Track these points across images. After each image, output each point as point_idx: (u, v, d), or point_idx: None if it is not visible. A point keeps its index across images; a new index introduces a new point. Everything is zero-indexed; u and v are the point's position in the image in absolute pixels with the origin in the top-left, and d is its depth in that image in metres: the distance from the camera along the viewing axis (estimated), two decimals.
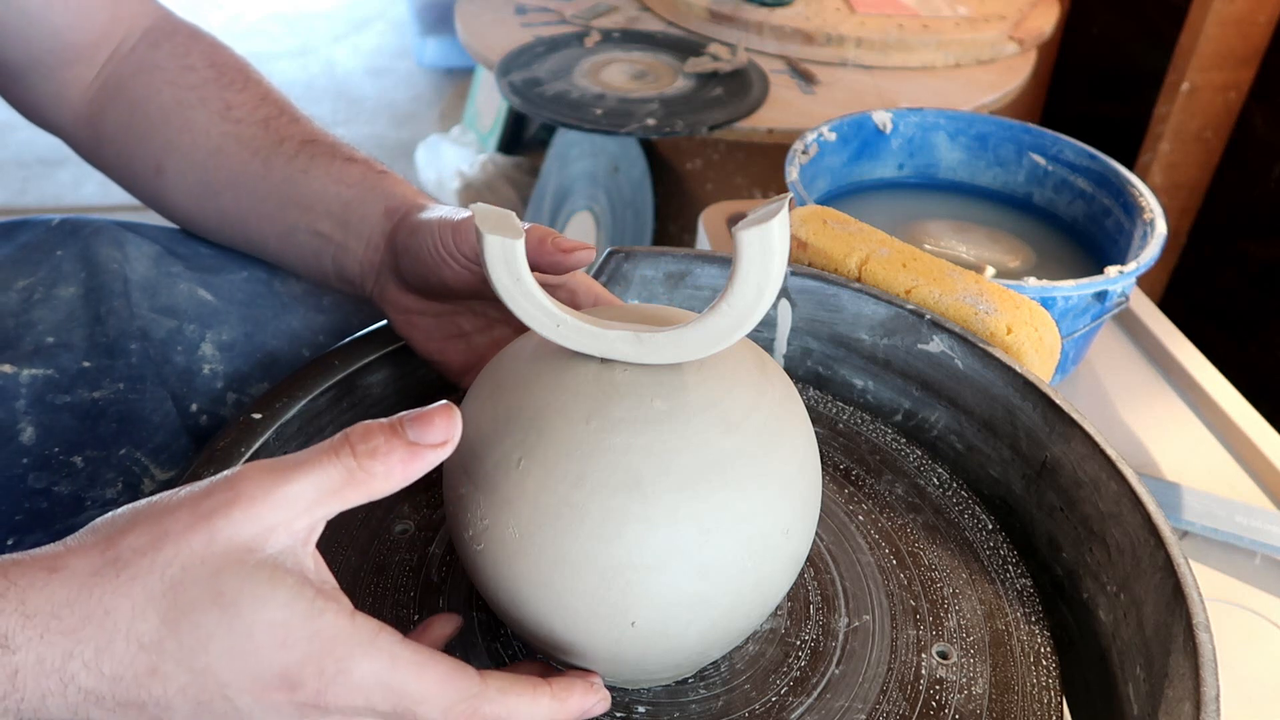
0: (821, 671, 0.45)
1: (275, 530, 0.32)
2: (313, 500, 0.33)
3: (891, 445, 0.59)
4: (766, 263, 0.35)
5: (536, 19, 1.52)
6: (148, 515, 0.32)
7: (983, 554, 0.52)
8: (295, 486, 0.32)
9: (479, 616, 0.46)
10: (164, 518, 0.32)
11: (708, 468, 0.38)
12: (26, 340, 0.57)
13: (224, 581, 0.31)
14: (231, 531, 0.31)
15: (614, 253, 0.62)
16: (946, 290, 0.61)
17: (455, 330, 0.54)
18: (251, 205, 0.57)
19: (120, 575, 0.31)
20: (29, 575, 0.31)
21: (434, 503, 0.52)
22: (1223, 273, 1.45)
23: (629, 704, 0.44)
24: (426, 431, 0.33)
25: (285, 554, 0.33)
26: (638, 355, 0.39)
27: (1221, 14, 1.32)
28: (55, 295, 0.59)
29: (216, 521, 0.31)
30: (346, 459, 0.33)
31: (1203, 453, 0.83)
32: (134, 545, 0.31)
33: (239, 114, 0.58)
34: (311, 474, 0.32)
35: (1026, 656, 0.47)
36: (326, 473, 0.33)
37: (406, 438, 0.33)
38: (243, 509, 0.32)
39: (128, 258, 0.61)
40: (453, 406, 0.34)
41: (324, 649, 0.31)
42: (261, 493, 0.32)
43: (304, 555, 0.33)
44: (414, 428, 0.33)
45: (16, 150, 2.32)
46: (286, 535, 0.32)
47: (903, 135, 1.00)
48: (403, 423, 0.34)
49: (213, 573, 0.31)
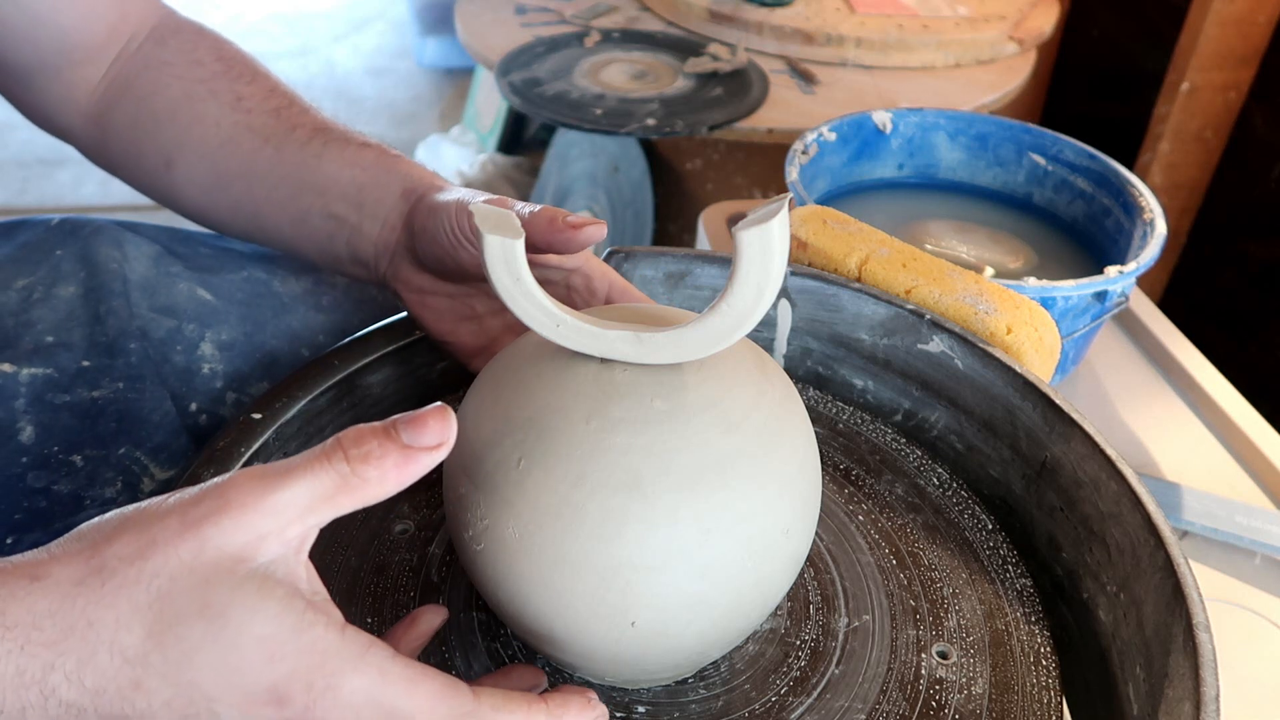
0: (821, 671, 0.45)
1: (266, 539, 0.31)
2: (305, 507, 0.32)
3: (891, 445, 0.59)
4: (766, 263, 0.35)
5: (536, 19, 1.52)
6: (136, 522, 0.31)
7: (982, 554, 0.52)
8: (287, 493, 0.31)
9: (479, 616, 0.46)
10: (152, 525, 0.31)
11: (708, 468, 0.38)
12: (26, 339, 0.57)
13: (212, 593, 0.30)
14: (221, 540, 0.31)
15: (614, 253, 0.62)
16: (946, 290, 0.61)
17: (468, 312, 0.53)
18: (264, 193, 0.57)
19: (105, 585, 0.30)
20: (10, 584, 0.30)
21: (434, 503, 0.52)
22: (1223, 273, 1.45)
23: (629, 704, 0.44)
24: (421, 434, 0.33)
25: (276, 564, 0.32)
26: (638, 355, 0.39)
27: (1221, 14, 1.32)
28: (55, 295, 0.59)
29: (206, 530, 0.31)
30: (339, 464, 0.32)
31: (1203, 453, 0.83)
32: (120, 554, 0.30)
33: (250, 104, 0.58)
34: (304, 480, 0.32)
35: (1026, 656, 0.47)
36: (319, 479, 0.32)
37: (401, 441, 0.32)
38: (233, 517, 0.31)
39: (127, 257, 0.61)
40: (447, 408, 0.34)
41: (313, 664, 0.31)
42: (253, 500, 0.31)
43: (296, 564, 0.33)
44: (408, 431, 0.33)
45: (16, 150, 2.32)
46: (278, 544, 0.32)
47: (903, 135, 1.00)
48: (396, 426, 0.33)
49: (201, 583, 0.30)
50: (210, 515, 0.31)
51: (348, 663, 0.31)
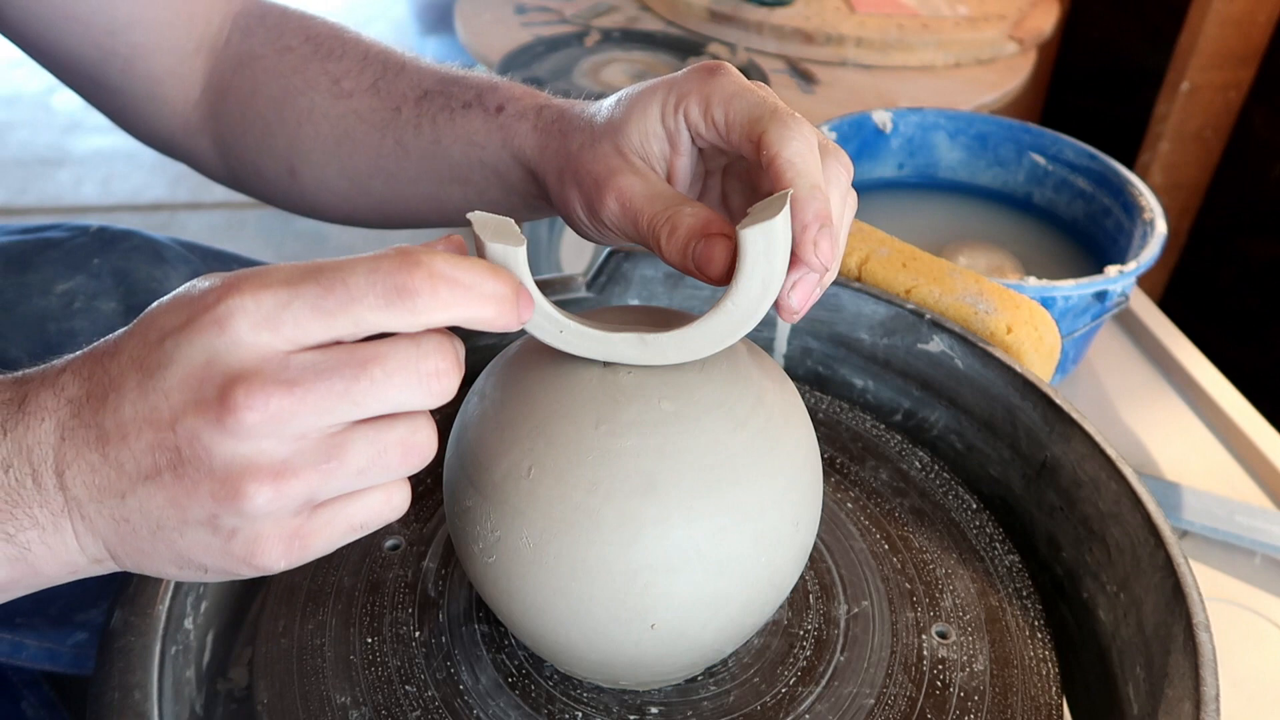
0: (827, 660, 0.46)
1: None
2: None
3: (891, 445, 0.59)
4: (771, 260, 0.35)
5: (536, 19, 1.52)
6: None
7: (969, 533, 0.52)
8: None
9: (480, 629, 0.46)
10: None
11: (720, 466, 0.38)
12: (68, 349, 0.57)
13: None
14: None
15: (614, 253, 0.62)
16: (946, 290, 0.61)
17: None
18: (407, 188, 0.56)
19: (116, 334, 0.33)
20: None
21: (424, 516, 0.52)
22: (1223, 273, 1.45)
23: (641, 705, 0.44)
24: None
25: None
26: (642, 357, 0.39)
27: (1221, 14, 1.32)
28: (95, 308, 0.59)
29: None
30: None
31: (1203, 453, 0.83)
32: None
33: (347, 85, 0.56)
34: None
35: (1022, 631, 0.48)
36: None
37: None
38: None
39: (165, 276, 0.61)
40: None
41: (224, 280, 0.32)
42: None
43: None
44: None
45: (16, 150, 2.32)
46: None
47: (902, 135, 1.00)
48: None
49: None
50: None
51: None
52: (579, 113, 0.48)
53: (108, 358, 0.32)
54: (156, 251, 0.63)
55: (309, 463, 0.31)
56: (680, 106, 0.43)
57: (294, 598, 0.48)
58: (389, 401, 0.31)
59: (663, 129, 0.44)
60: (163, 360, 0.31)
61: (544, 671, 0.45)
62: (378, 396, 0.31)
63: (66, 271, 0.60)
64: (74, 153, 2.32)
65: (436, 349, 0.31)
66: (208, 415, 0.30)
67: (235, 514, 0.31)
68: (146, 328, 0.32)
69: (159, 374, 0.31)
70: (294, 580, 0.48)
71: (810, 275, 0.38)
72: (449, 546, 0.50)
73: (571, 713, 0.43)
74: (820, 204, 0.37)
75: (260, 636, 0.46)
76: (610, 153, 0.44)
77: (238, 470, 0.30)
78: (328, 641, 0.46)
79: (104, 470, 0.32)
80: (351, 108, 0.56)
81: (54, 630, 0.52)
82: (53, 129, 2.40)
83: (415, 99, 0.55)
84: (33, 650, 0.52)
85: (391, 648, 0.45)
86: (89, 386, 0.32)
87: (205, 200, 2.18)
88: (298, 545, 0.32)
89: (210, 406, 0.30)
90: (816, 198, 0.37)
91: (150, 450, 0.31)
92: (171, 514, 0.31)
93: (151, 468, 0.31)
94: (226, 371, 0.30)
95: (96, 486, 0.32)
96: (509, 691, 0.44)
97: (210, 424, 0.30)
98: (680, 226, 0.39)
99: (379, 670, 0.44)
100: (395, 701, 0.43)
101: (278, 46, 0.58)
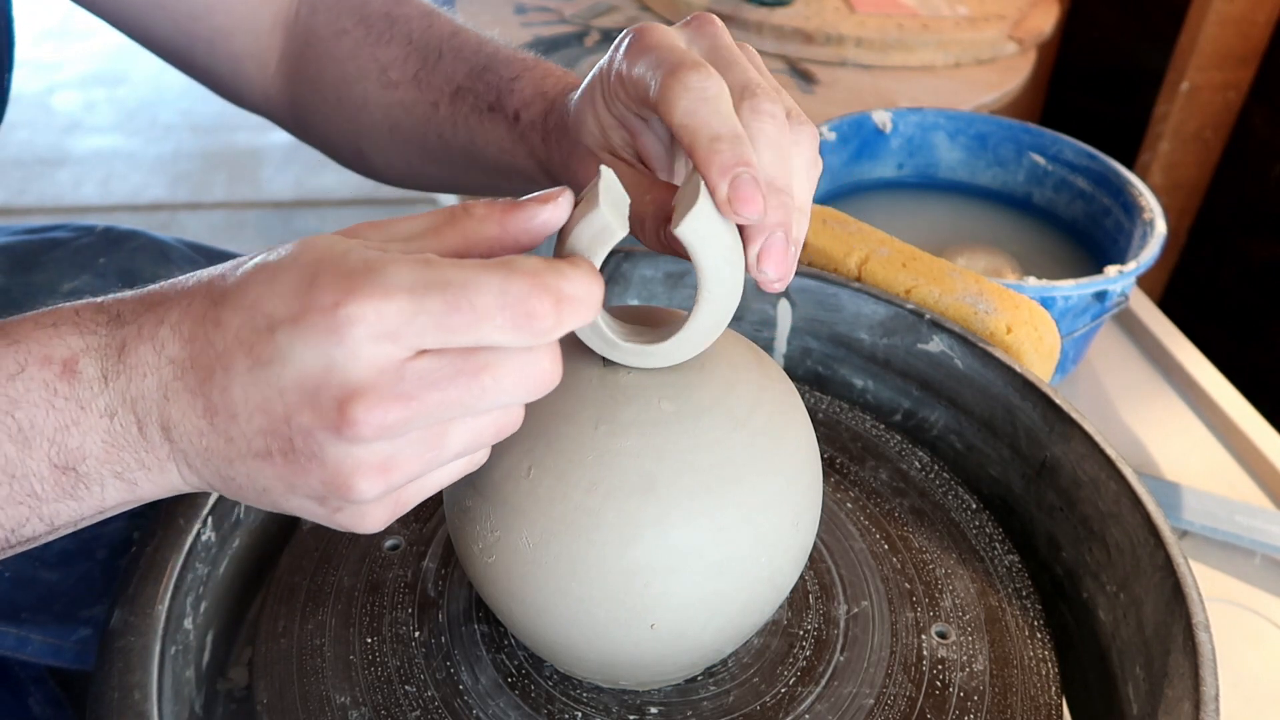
0: (827, 659, 0.46)
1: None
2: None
3: (891, 445, 0.59)
4: (719, 242, 0.35)
5: (536, 19, 1.52)
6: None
7: (969, 533, 0.52)
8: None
9: (480, 629, 0.46)
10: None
11: (720, 465, 0.38)
12: None
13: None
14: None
15: (614, 253, 0.62)
16: (946, 290, 0.61)
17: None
18: (461, 173, 0.59)
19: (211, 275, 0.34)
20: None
21: (423, 516, 0.52)
22: (1223, 273, 1.45)
23: (641, 706, 0.44)
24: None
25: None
26: (640, 361, 0.39)
27: (1221, 14, 1.32)
28: None
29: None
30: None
31: (1203, 453, 0.83)
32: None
33: (394, 75, 0.58)
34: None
35: (1021, 631, 0.48)
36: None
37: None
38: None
39: (171, 276, 0.61)
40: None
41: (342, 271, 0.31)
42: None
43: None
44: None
45: (16, 150, 2.31)
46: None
47: (902, 135, 1.00)
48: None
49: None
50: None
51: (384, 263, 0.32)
52: (567, 112, 0.49)
53: (211, 325, 0.32)
54: (162, 252, 0.63)
55: (415, 454, 0.32)
56: (613, 89, 0.42)
57: (294, 598, 0.48)
58: (496, 404, 0.32)
59: (611, 117, 0.44)
60: (275, 355, 0.31)
61: (544, 671, 0.45)
62: (487, 401, 0.32)
63: (72, 271, 0.60)
64: (74, 153, 2.32)
65: (548, 354, 0.32)
66: (324, 423, 0.30)
67: (343, 499, 0.32)
68: (252, 307, 0.31)
69: (272, 368, 0.31)
70: (294, 580, 0.49)
71: (774, 236, 0.35)
72: (449, 546, 0.50)
73: (571, 713, 0.43)
74: (724, 156, 0.35)
75: (260, 636, 0.46)
76: (584, 155, 0.45)
77: (349, 468, 0.31)
78: (327, 641, 0.46)
79: (211, 436, 0.32)
80: (398, 99, 0.58)
81: (58, 626, 0.52)
82: (53, 129, 2.39)
83: (450, 96, 0.56)
84: (37, 645, 0.52)
85: (391, 648, 0.45)
86: (191, 351, 0.32)
87: (205, 200, 2.18)
88: (397, 509, 0.34)
89: (327, 415, 0.30)
90: (718, 150, 0.35)
91: (261, 434, 0.31)
92: (279, 485, 0.32)
93: (263, 450, 0.32)
94: (345, 384, 0.30)
95: (204, 448, 0.33)
96: (509, 691, 0.44)
97: (326, 429, 0.30)
98: (646, 218, 0.40)
99: (379, 670, 0.44)
100: (395, 701, 0.43)
101: (335, 29, 0.60)
